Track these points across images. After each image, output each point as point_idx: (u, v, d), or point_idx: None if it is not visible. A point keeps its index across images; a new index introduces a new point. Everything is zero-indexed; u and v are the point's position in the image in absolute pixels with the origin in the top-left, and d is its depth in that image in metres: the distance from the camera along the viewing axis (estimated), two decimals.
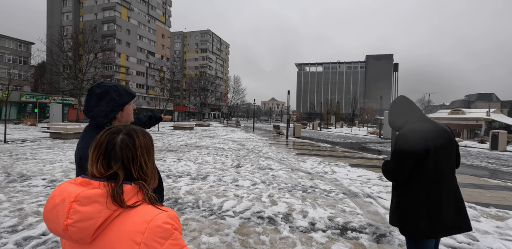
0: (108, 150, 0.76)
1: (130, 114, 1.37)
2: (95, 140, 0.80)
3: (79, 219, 0.66)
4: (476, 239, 3.01)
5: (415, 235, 1.65)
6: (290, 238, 2.95)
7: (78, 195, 0.68)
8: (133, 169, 0.78)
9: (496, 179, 6.49)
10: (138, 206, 0.73)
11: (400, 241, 2.90)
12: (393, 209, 1.78)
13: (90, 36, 31.94)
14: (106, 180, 0.74)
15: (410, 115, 1.79)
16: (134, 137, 0.81)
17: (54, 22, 48.50)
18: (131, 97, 1.35)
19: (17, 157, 7.66)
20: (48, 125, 15.73)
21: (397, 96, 1.94)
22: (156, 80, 53.15)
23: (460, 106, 54.76)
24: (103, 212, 0.68)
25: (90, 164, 0.77)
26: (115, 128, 0.82)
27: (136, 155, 0.79)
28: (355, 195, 4.67)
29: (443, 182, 1.66)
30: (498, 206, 4.28)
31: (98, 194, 0.69)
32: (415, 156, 1.62)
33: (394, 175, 1.71)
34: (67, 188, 0.71)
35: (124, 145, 0.78)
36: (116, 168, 0.75)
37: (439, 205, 1.61)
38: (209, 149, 10.48)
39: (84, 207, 0.67)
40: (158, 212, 0.72)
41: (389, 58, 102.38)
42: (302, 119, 69.47)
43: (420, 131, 1.66)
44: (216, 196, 4.43)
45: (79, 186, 0.73)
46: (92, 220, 0.67)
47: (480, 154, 11.81)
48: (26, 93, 33.26)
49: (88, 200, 0.68)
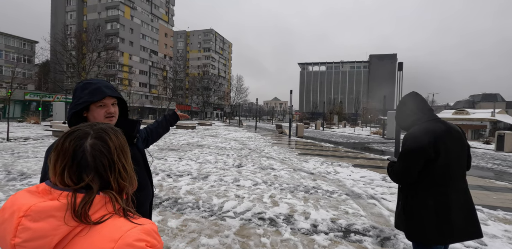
0: (77, 160, 0.64)
1: (97, 117, 1.15)
2: (56, 147, 0.66)
3: (29, 238, 0.55)
4: (484, 244, 2.92)
5: (422, 241, 1.56)
6: (291, 240, 2.87)
7: (29, 208, 0.56)
8: (112, 178, 0.67)
9: (502, 180, 6.36)
10: (107, 220, 0.61)
11: (405, 245, 2.82)
12: (399, 213, 1.70)
13: (93, 35, 32.01)
14: (72, 190, 0.62)
15: (420, 114, 1.68)
16: (107, 139, 0.68)
17: (58, 21, 48.69)
18: (98, 96, 1.12)
19: (19, 155, 7.65)
20: (51, 123, 15.77)
21: (409, 93, 1.81)
22: (159, 79, 53.21)
23: (465, 107, 54.26)
24: (60, 229, 0.56)
25: (53, 174, 0.65)
26: (79, 131, 0.68)
27: (113, 161, 0.67)
28: (358, 196, 4.58)
29: (453, 185, 1.57)
30: (505, 209, 4.16)
31: (55, 207, 0.57)
32: (424, 157, 1.53)
33: (402, 177, 1.61)
34: (20, 199, 0.59)
35: (97, 152, 0.65)
36: (89, 180, 0.64)
37: (447, 209, 1.52)
38: (211, 148, 10.42)
39: (36, 223, 0.55)
40: (130, 226, 0.61)
41: (392, 57, 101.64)
42: (304, 118, 69.27)
43: (430, 131, 1.56)
44: (216, 196, 4.36)
45: (37, 196, 0.61)
46: (46, 238, 0.55)
47: (485, 155, 11.64)
48: (30, 91, 33.45)
49: (42, 214, 0.56)
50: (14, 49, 39.07)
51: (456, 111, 42.95)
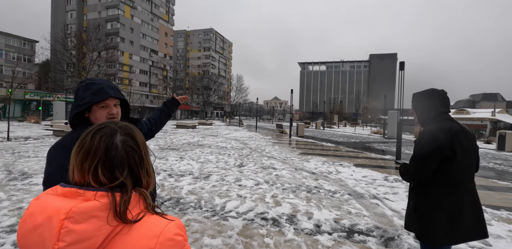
0: (110, 157, 0.63)
1: (99, 118, 1.14)
2: (81, 144, 0.65)
3: (74, 241, 0.53)
4: (488, 244, 2.90)
5: (433, 242, 1.54)
6: (295, 240, 2.86)
7: (70, 210, 0.55)
8: (142, 174, 0.67)
9: (505, 180, 6.34)
10: (143, 217, 0.62)
11: (410, 245, 2.80)
12: (410, 213, 1.67)
13: (93, 35, 31.98)
14: (107, 189, 0.61)
15: (440, 111, 1.65)
16: (135, 136, 0.69)
17: (58, 20, 48.62)
18: (101, 96, 1.11)
19: (20, 154, 7.64)
20: (51, 123, 15.75)
21: (433, 88, 1.73)
22: (159, 78, 53.21)
23: (465, 106, 54.20)
24: (103, 229, 0.56)
25: (79, 173, 0.64)
26: (107, 127, 0.67)
27: (142, 157, 0.68)
28: (360, 196, 4.56)
29: (465, 185, 1.56)
30: (509, 209, 4.15)
31: (96, 207, 0.57)
32: (441, 156, 1.51)
33: (417, 176, 1.57)
34: (51, 203, 0.58)
35: (129, 148, 0.66)
36: (124, 177, 0.63)
37: (460, 210, 1.51)
38: (212, 148, 10.41)
39: (79, 225, 0.54)
40: (166, 222, 0.62)
41: (393, 57, 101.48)
42: (305, 118, 69.24)
43: (448, 129, 1.54)
44: (218, 196, 4.34)
45: (65, 198, 0.59)
46: (90, 240, 0.55)
47: (487, 155, 11.62)
48: (30, 91, 33.43)
49: (84, 215, 0.55)
50: (14, 48, 39.04)
51: (457, 111, 42.91)
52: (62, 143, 1.09)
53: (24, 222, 0.58)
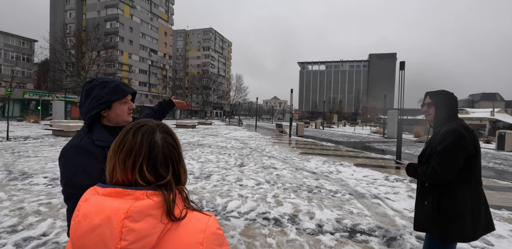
0: (153, 155, 0.64)
1: (121, 114, 1.19)
2: (123, 142, 0.66)
3: (135, 239, 0.55)
4: (490, 244, 2.90)
5: (460, 240, 1.55)
6: (297, 240, 2.85)
7: (128, 209, 0.56)
8: (181, 171, 0.68)
9: (505, 180, 6.36)
10: (187, 214, 0.64)
11: (412, 245, 2.80)
12: (428, 213, 1.63)
13: (92, 34, 31.91)
14: (156, 188, 0.62)
15: (454, 112, 1.70)
16: (172, 133, 0.71)
17: (57, 19, 48.50)
18: (121, 94, 1.16)
19: (19, 154, 7.61)
20: (51, 122, 15.70)
21: (446, 90, 1.78)
22: (159, 78, 53.11)
23: (464, 106, 54.33)
24: (157, 227, 0.58)
25: (122, 172, 0.64)
26: (146, 126, 0.68)
27: (180, 154, 0.70)
28: (362, 196, 4.56)
29: (481, 183, 1.62)
30: (510, 208, 4.15)
31: (151, 206, 0.58)
32: (467, 153, 1.54)
33: (445, 173, 1.54)
34: (104, 203, 0.59)
35: (170, 146, 0.67)
36: (169, 175, 0.65)
37: (480, 206, 1.56)
38: (212, 148, 10.40)
39: (137, 224, 0.56)
40: (207, 218, 0.64)
41: (392, 57, 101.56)
42: (304, 118, 69.24)
43: (467, 128, 1.59)
44: (220, 196, 4.34)
45: (115, 198, 0.60)
46: (148, 238, 0.56)
47: (486, 155, 11.64)
48: (29, 90, 33.33)
49: (141, 214, 0.57)
50: (13, 48, 38.93)
51: None
52: (81, 145, 1.08)
53: (79, 224, 0.59)
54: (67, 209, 1.08)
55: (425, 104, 1.80)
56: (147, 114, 1.77)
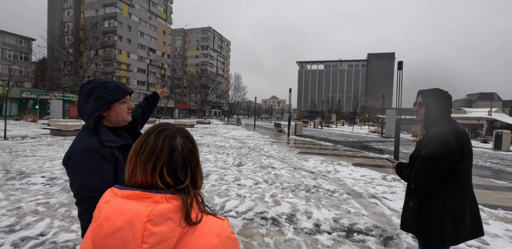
0: (173, 158, 0.66)
1: (121, 114, 1.21)
2: (145, 145, 0.67)
3: (155, 242, 0.56)
4: (486, 243, 2.93)
5: (438, 243, 1.54)
6: (295, 240, 2.87)
7: (150, 213, 0.57)
8: (198, 176, 0.69)
9: (501, 179, 6.40)
10: (202, 218, 0.65)
11: (408, 245, 2.82)
12: (411, 215, 1.65)
13: (91, 33, 31.74)
14: (175, 192, 0.63)
15: (447, 112, 1.63)
16: (192, 139, 0.72)
17: (55, 18, 48.26)
18: (123, 93, 1.19)
19: (17, 154, 7.59)
20: (49, 121, 15.64)
21: (438, 88, 1.69)
22: (157, 77, 53.01)
23: (462, 105, 54.54)
24: (176, 230, 0.59)
25: (143, 174, 0.65)
26: (168, 129, 0.70)
27: (197, 159, 0.70)
28: (359, 196, 4.58)
29: (468, 186, 1.58)
30: (506, 208, 4.19)
31: (170, 209, 0.60)
32: (452, 159, 1.49)
33: (427, 178, 1.52)
34: (125, 206, 0.60)
35: (189, 151, 0.68)
36: (188, 179, 0.66)
37: (463, 211, 1.52)
38: (210, 147, 10.40)
39: (158, 227, 0.57)
40: (221, 222, 0.66)
41: (390, 56, 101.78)
42: (303, 117, 69.31)
43: (456, 132, 1.53)
44: (218, 195, 4.35)
45: (137, 201, 0.61)
46: (167, 241, 0.58)
47: (483, 154, 11.72)
48: (27, 89, 33.16)
49: (162, 218, 0.58)
50: (11, 46, 38.66)
51: (453, 110, 43.13)
52: (90, 147, 1.08)
53: (101, 226, 0.60)
54: (80, 212, 1.07)
55: (416, 103, 1.73)
56: (136, 112, 1.68)
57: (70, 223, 3.11)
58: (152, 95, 1.82)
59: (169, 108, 53.78)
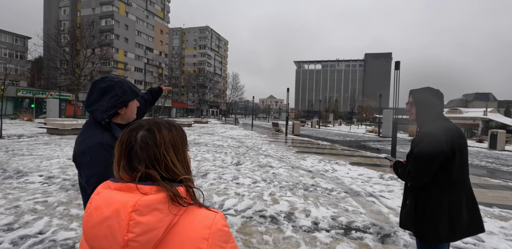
0: (128, 150, 0.67)
1: (134, 111, 1.31)
2: (119, 138, 0.71)
3: (141, 232, 0.57)
4: (481, 240, 2.97)
5: (435, 241, 1.55)
6: (293, 238, 2.89)
7: (136, 203, 0.59)
8: (160, 170, 0.68)
9: (496, 178, 6.49)
10: (194, 210, 0.66)
11: (406, 242, 2.86)
12: (408, 213, 1.66)
13: (87, 31, 31.60)
14: (157, 184, 0.64)
15: (439, 110, 1.65)
16: (155, 132, 0.70)
17: (51, 16, 47.84)
18: (135, 95, 1.28)
19: (14, 153, 7.54)
20: (45, 120, 15.54)
21: (430, 87, 1.71)
22: (154, 76, 52.77)
23: (458, 105, 55.01)
24: (164, 221, 0.60)
25: (116, 166, 0.69)
26: (137, 123, 0.72)
27: (159, 153, 0.68)
28: (357, 194, 4.62)
29: (464, 184, 1.59)
30: (501, 206, 4.25)
31: (158, 200, 0.61)
32: (443, 157, 1.51)
33: (419, 177, 1.55)
34: (114, 196, 0.62)
35: (143, 144, 0.67)
36: (143, 170, 0.66)
37: (459, 208, 1.53)
38: (208, 146, 10.40)
39: (144, 217, 0.58)
40: (213, 214, 0.66)
41: (387, 56, 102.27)
42: (300, 117, 69.46)
43: (447, 130, 1.54)
44: (216, 194, 4.36)
45: (125, 192, 0.63)
46: (154, 231, 0.59)
47: (479, 154, 11.84)
48: (23, 88, 32.88)
49: (148, 208, 0.59)
50: (6, 45, 38.31)
51: (449, 110, 43.50)
52: (105, 142, 1.12)
53: (90, 216, 0.61)
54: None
55: (408, 103, 1.76)
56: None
57: (69, 221, 3.11)
58: (157, 89, 1.88)
59: (167, 107, 53.59)
